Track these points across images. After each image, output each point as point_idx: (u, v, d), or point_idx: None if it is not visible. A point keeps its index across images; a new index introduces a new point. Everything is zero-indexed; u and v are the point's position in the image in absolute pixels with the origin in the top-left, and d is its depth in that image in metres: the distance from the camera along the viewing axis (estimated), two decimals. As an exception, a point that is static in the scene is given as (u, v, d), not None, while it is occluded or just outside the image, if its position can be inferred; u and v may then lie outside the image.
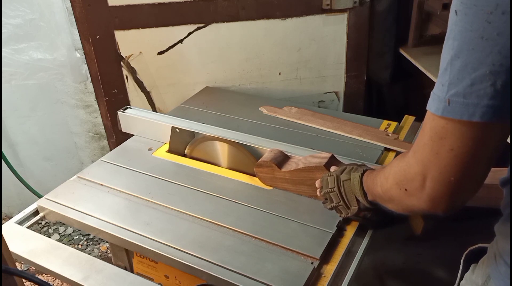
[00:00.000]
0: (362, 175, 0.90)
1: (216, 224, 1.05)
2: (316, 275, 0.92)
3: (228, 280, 0.90)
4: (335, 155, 1.10)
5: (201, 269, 0.93)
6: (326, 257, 0.96)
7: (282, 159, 1.12)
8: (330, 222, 1.03)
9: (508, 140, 0.63)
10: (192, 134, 1.31)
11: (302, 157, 1.13)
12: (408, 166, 0.64)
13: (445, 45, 0.56)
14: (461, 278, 0.79)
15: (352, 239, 1.01)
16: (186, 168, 1.26)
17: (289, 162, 1.12)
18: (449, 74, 0.54)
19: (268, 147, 1.24)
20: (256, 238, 1.00)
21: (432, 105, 0.57)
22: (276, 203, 1.10)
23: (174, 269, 1.04)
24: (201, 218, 1.07)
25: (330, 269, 0.93)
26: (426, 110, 0.60)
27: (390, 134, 1.32)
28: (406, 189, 0.65)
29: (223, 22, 1.70)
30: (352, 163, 1.01)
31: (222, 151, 1.28)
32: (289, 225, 1.03)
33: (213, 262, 0.94)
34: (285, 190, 1.13)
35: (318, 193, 1.02)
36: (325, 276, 0.92)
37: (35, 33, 1.70)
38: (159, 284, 1.13)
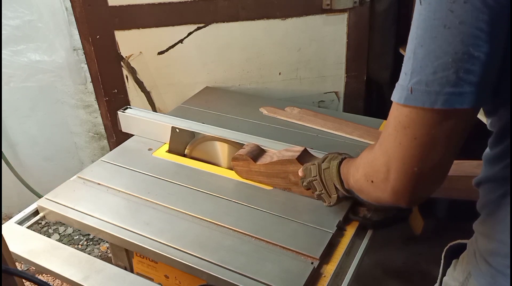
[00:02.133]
0: (340, 163, 0.91)
1: (216, 224, 1.05)
2: (316, 275, 0.92)
3: (228, 280, 0.90)
4: (308, 149, 1.14)
5: (201, 269, 0.93)
6: (326, 257, 0.96)
7: (257, 153, 1.16)
8: (330, 222, 1.03)
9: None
10: (192, 134, 1.31)
11: (277, 151, 1.17)
12: (374, 158, 0.64)
13: (410, 35, 0.56)
14: (443, 274, 0.80)
15: (352, 239, 1.01)
16: (186, 168, 1.26)
17: (265, 155, 1.16)
18: (412, 62, 0.54)
19: (268, 147, 1.24)
20: (256, 238, 1.00)
21: (395, 94, 0.57)
22: (276, 203, 1.10)
23: (174, 269, 1.04)
24: (201, 218, 1.07)
25: (330, 269, 0.93)
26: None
27: None
28: (372, 181, 0.65)
29: (223, 22, 1.70)
30: (333, 152, 1.00)
31: (222, 151, 1.28)
32: (289, 225, 1.03)
33: (213, 262, 0.94)
34: (260, 182, 1.16)
35: (300, 183, 1.03)
36: (325, 276, 0.92)
37: (34, 35, 1.70)
38: (159, 284, 1.13)
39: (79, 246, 1.99)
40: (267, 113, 1.52)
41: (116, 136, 1.81)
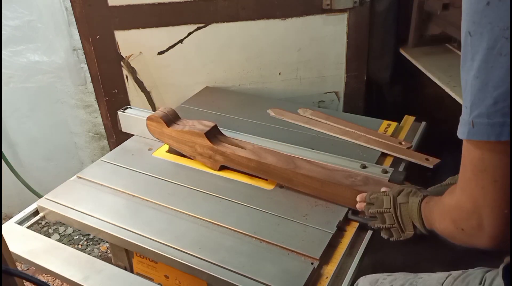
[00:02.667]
0: (421, 201, 0.86)
1: (216, 224, 1.05)
2: (316, 275, 0.92)
3: (228, 280, 0.90)
4: (217, 126, 1.24)
5: (201, 269, 0.93)
6: (326, 257, 0.96)
7: (172, 118, 1.24)
8: (330, 222, 1.03)
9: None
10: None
11: (191, 121, 1.24)
12: (459, 204, 0.61)
13: (462, 68, 0.55)
14: None
15: (352, 240, 1.01)
16: (186, 168, 1.26)
17: (178, 122, 1.25)
18: (470, 95, 0.53)
19: (268, 147, 1.24)
20: (256, 238, 1.00)
21: (459, 130, 0.56)
22: (276, 203, 1.10)
23: (174, 269, 1.04)
24: (201, 218, 1.07)
25: (330, 270, 0.93)
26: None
27: (403, 143, 1.30)
28: (463, 229, 0.62)
29: (223, 22, 1.70)
30: (408, 185, 0.97)
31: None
32: (289, 225, 1.03)
33: (213, 262, 0.94)
34: (170, 145, 1.27)
35: (365, 211, 0.97)
36: (325, 277, 0.92)
37: (34, 35, 1.70)
38: (159, 284, 1.13)
39: (79, 246, 1.99)
40: (275, 115, 1.51)
41: (116, 136, 1.81)
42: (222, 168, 1.24)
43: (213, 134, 1.21)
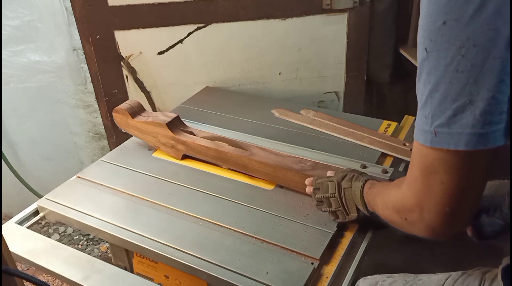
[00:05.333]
0: (363, 186, 0.91)
1: (216, 224, 1.05)
2: (316, 275, 0.92)
3: (228, 281, 0.90)
4: (180, 117, 1.30)
5: (201, 269, 0.93)
6: (326, 257, 0.96)
7: (137, 110, 1.30)
8: (330, 222, 1.03)
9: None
10: (192, 134, 1.31)
11: (155, 113, 1.31)
12: (405, 198, 0.67)
13: (419, 79, 0.58)
14: None
15: (352, 240, 1.01)
16: (186, 168, 1.26)
17: (143, 114, 1.30)
18: (430, 106, 0.57)
19: (268, 147, 1.24)
20: (256, 238, 1.00)
21: (420, 136, 0.59)
22: (276, 203, 1.11)
23: (174, 269, 1.04)
24: (201, 218, 1.07)
25: (330, 270, 0.93)
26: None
27: (407, 144, 1.30)
28: (406, 219, 0.68)
29: (223, 22, 1.70)
30: (351, 169, 1.01)
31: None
32: (289, 225, 1.03)
33: (213, 262, 0.94)
34: (136, 136, 1.32)
35: (312, 195, 1.03)
36: (325, 277, 0.92)
37: (34, 35, 1.70)
38: (159, 284, 1.13)
39: (79, 246, 1.99)
40: (279, 115, 1.51)
41: (116, 136, 1.81)
42: (185, 157, 1.28)
43: (175, 125, 1.25)
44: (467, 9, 0.51)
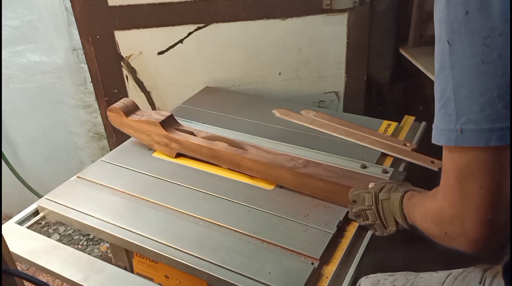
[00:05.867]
0: (403, 197, 0.87)
1: (216, 224, 1.05)
2: (316, 275, 0.92)
3: (228, 281, 0.90)
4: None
5: (201, 269, 0.93)
6: (326, 257, 0.96)
7: (131, 109, 1.31)
8: (330, 222, 1.03)
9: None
10: (192, 134, 1.31)
11: (149, 111, 1.32)
12: (442, 210, 0.62)
13: (439, 76, 0.56)
14: None
15: (352, 240, 1.01)
16: (186, 168, 1.26)
17: (137, 113, 1.31)
18: (454, 103, 0.54)
19: (268, 147, 1.24)
20: (256, 238, 1.00)
21: (440, 138, 0.56)
22: (276, 203, 1.10)
23: (174, 269, 1.04)
24: (201, 218, 1.07)
25: (330, 270, 0.93)
26: (441, 147, 0.58)
27: (407, 144, 1.29)
28: (446, 232, 0.63)
29: (223, 22, 1.70)
30: (390, 181, 0.98)
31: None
32: (289, 225, 1.03)
33: (213, 262, 0.94)
34: (130, 135, 1.33)
35: (349, 209, 1.00)
36: (325, 277, 0.92)
37: (33, 35, 1.70)
38: (159, 284, 1.13)
39: (79, 246, 1.99)
40: (280, 115, 1.51)
41: (116, 136, 1.81)
42: (179, 155, 1.29)
43: (169, 123, 1.26)
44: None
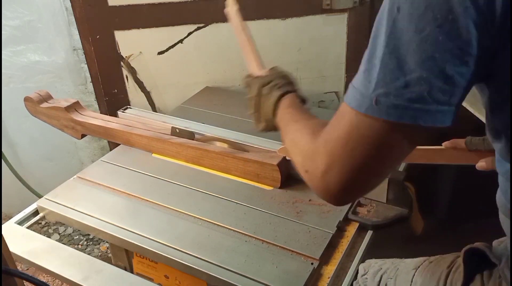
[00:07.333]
0: (280, 97, 0.83)
1: (216, 224, 1.05)
2: (316, 275, 0.92)
3: (228, 281, 0.90)
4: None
5: (201, 269, 0.93)
6: (326, 257, 0.96)
7: (45, 98, 1.40)
8: (330, 222, 1.03)
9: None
10: (192, 134, 1.31)
11: (59, 99, 1.40)
12: (316, 152, 0.59)
13: (372, 41, 0.53)
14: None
15: (352, 240, 1.01)
16: (186, 168, 1.26)
17: (50, 101, 1.40)
18: (378, 72, 0.51)
19: (267, 147, 1.24)
20: (255, 238, 1.00)
21: (352, 101, 0.54)
22: (276, 203, 1.10)
23: (174, 270, 1.04)
24: (201, 218, 1.07)
25: (330, 270, 0.93)
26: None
27: None
28: (307, 171, 0.61)
29: (223, 22, 1.70)
30: (282, 75, 0.91)
31: (222, 151, 1.28)
32: (289, 225, 1.03)
33: (213, 262, 0.94)
34: (45, 122, 1.41)
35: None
36: (325, 277, 0.92)
37: (34, 35, 1.70)
38: (159, 284, 1.13)
39: (79, 246, 1.99)
40: None
41: (116, 136, 1.81)
42: (83, 136, 1.39)
43: (73, 108, 1.38)
44: None
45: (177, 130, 1.32)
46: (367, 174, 0.56)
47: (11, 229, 1.10)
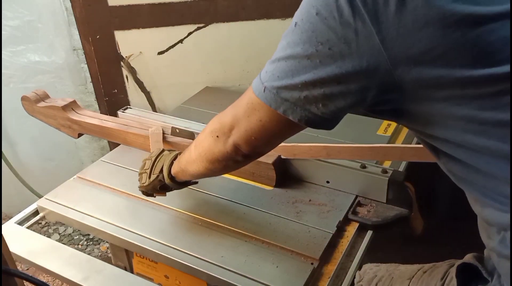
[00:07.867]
0: (176, 156, 0.97)
1: (216, 224, 1.05)
2: (316, 275, 0.92)
3: (228, 281, 0.90)
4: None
5: (201, 269, 0.93)
6: (326, 257, 0.96)
7: (42, 97, 1.41)
8: (330, 222, 1.03)
9: None
10: (192, 134, 1.31)
11: (56, 99, 1.41)
12: (224, 115, 0.77)
13: (282, 39, 0.64)
14: None
15: (352, 240, 1.01)
16: (186, 168, 1.26)
17: (47, 100, 1.40)
18: (275, 68, 0.63)
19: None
20: (255, 238, 1.00)
21: (255, 85, 0.67)
22: (276, 203, 1.11)
23: (174, 270, 1.04)
24: (201, 218, 1.07)
25: (330, 270, 0.93)
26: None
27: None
28: (217, 136, 0.77)
29: (223, 22, 1.70)
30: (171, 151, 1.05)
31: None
32: (289, 226, 1.03)
33: (213, 262, 0.94)
34: (42, 121, 1.41)
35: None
36: (325, 277, 0.92)
37: (34, 35, 1.70)
38: (159, 284, 1.13)
39: (79, 246, 1.99)
40: None
41: (116, 136, 1.81)
42: (80, 135, 1.38)
43: (70, 108, 1.38)
44: (338, 11, 0.54)
45: (177, 130, 1.32)
46: (260, 138, 0.71)
47: (11, 229, 1.10)
